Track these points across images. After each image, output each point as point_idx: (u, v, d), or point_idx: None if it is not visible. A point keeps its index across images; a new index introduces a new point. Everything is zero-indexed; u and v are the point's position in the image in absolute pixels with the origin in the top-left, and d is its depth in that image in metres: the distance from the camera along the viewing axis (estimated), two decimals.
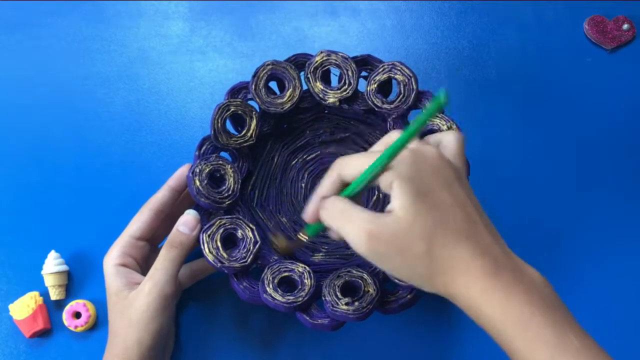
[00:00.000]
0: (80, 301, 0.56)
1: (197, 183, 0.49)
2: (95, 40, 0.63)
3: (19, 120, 0.61)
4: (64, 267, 0.56)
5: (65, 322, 0.56)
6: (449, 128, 0.50)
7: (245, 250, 0.49)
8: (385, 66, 0.52)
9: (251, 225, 0.50)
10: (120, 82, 0.62)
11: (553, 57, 0.64)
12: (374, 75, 0.52)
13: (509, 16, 0.65)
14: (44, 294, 0.57)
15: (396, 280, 0.48)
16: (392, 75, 0.52)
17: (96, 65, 0.63)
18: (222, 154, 0.52)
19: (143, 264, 0.52)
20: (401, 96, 0.52)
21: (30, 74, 0.62)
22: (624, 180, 0.61)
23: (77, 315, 0.56)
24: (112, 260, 0.50)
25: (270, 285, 0.49)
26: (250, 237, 0.50)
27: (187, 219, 0.50)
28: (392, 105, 0.52)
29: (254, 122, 0.52)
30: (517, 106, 0.63)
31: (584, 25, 0.64)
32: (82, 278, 0.57)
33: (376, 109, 0.53)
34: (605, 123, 0.62)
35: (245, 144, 0.52)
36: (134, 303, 0.47)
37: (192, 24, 0.64)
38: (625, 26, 0.64)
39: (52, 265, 0.55)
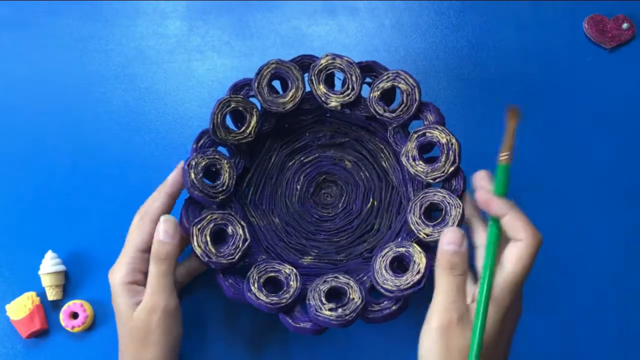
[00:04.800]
0: (78, 301, 0.56)
1: (192, 176, 0.49)
2: (93, 40, 0.63)
3: (15, 119, 0.61)
4: (61, 267, 0.56)
5: (63, 323, 0.55)
6: (448, 142, 0.49)
7: (234, 247, 0.49)
8: (390, 74, 0.51)
9: (242, 222, 0.50)
10: (118, 82, 0.62)
11: (552, 56, 0.64)
12: (377, 82, 0.52)
13: (508, 15, 0.65)
14: (41, 294, 0.57)
15: (383, 291, 0.49)
16: (396, 84, 0.51)
17: (93, 65, 0.62)
18: (220, 148, 0.52)
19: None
20: (403, 106, 0.51)
21: (27, 74, 0.62)
22: (623, 179, 0.61)
23: (75, 315, 0.56)
24: (120, 278, 0.48)
25: (255, 285, 0.49)
26: (240, 234, 0.49)
27: (167, 228, 0.48)
28: (393, 114, 0.52)
29: (254, 119, 0.52)
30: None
31: (583, 24, 0.64)
32: (79, 278, 0.57)
33: (377, 117, 0.52)
34: (605, 122, 0.62)
35: (243, 141, 0.52)
36: (140, 324, 0.47)
37: (190, 23, 0.64)
38: (625, 25, 0.64)
39: (49, 265, 0.55)
